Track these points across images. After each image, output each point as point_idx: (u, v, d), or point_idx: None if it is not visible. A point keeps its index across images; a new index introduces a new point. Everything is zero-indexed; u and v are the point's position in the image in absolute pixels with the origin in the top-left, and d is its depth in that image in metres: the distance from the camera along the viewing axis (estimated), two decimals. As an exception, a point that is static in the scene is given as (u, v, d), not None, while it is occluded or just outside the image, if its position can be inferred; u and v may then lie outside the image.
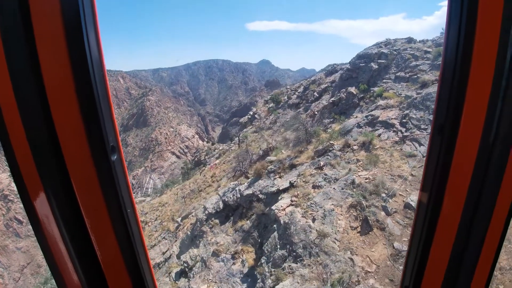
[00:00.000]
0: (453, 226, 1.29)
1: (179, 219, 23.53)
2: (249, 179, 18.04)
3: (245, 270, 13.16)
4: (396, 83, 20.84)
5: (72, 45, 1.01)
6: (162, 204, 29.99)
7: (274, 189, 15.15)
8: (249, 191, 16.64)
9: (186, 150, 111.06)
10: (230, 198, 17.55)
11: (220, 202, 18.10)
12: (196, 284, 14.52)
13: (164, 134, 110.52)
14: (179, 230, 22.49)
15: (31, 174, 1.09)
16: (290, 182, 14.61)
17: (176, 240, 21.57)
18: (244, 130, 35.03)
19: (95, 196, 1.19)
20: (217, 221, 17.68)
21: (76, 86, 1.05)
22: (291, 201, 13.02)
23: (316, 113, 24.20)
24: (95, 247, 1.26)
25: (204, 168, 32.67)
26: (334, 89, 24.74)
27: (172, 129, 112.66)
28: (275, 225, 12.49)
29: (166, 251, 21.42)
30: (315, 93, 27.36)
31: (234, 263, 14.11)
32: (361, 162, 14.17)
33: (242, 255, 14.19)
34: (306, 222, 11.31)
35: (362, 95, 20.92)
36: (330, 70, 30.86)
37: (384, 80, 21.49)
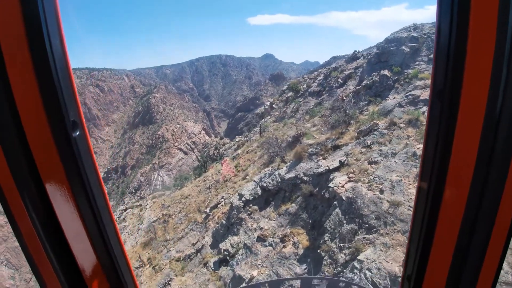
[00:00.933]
0: (459, 206, 1.14)
1: (207, 210, 23.18)
2: (288, 163, 17.63)
3: (300, 251, 12.82)
4: (430, 65, 20.48)
5: (28, 12, 0.95)
6: (185, 197, 29.69)
7: (321, 169, 14.80)
8: (291, 175, 16.25)
9: (193, 146, 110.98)
10: (269, 183, 17.15)
11: (258, 188, 17.71)
12: (243, 271, 14.14)
13: (171, 130, 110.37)
14: (208, 221, 22.17)
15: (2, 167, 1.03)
16: (339, 161, 14.28)
17: (206, 231, 21.27)
18: (263, 120, 34.64)
19: (58, 176, 1.13)
20: (255, 207, 17.31)
21: (33, 58, 0.99)
22: (349, 177, 12.86)
23: (344, 98, 23.75)
24: (64, 233, 1.19)
25: (226, 159, 32.28)
26: (363, 74, 24.30)
27: (178, 126, 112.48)
28: (335, 202, 12.29)
29: (197, 242, 21.13)
30: (339, 80, 26.90)
31: (284, 246, 13.75)
32: (412, 138, 13.90)
33: (293, 238, 13.84)
34: (374, 194, 11.16)
35: (396, 77, 20.53)
36: (352, 57, 30.43)
37: (417, 63, 21.12)
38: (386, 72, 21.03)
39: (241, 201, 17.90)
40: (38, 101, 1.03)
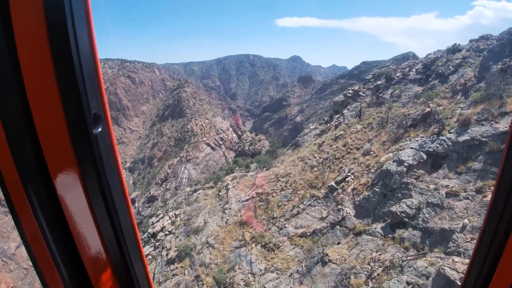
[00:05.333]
0: None
1: (332, 184, 23.45)
2: (452, 130, 18.58)
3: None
4: None
5: None
6: (283, 176, 30.04)
7: (502, 129, 16.35)
8: (465, 138, 17.27)
9: (220, 142, 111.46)
10: (437, 147, 18.02)
11: (421, 154, 18.56)
12: (444, 224, 14.78)
13: (200, 125, 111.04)
14: (338, 194, 22.52)
15: (3, 153, 0.92)
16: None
17: (338, 204, 21.59)
18: (351, 106, 35.43)
19: (72, 178, 1.00)
20: (421, 171, 18.11)
21: (50, 39, 0.86)
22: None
23: (466, 81, 24.73)
24: (75, 241, 1.09)
25: (312, 143, 33.00)
26: (485, 60, 25.41)
27: (207, 121, 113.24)
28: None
29: (327, 216, 21.56)
30: (450, 67, 28.01)
31: (485, 196, 14.57)
32: None
33: (490, 188, 14.68)
34: None
35: (531, 64, 21.69)
36: (452, 49, 31.70)
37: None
38: (521, 57, 22.19)
39: (402, 166, 18.67)
40: (53, 89, 0.90)
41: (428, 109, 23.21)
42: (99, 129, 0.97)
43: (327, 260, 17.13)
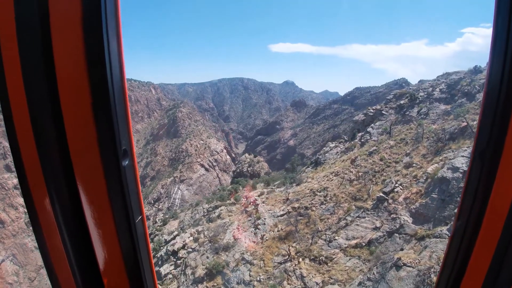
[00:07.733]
0: (487, 260, 1.21)
1: (380, 195, 23.73)
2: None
3: None
4: None
5: (89, 42, 0.97)
6: (319, 190, 30.11)
7: None
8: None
9: (214, 164, 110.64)
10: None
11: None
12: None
13: (195, 146, 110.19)
14: (389, 204, 22.86)
15: (36, 175, 1.04)
16: None
17: (392, 213, 21.89)
18: (375, 124, 36.78)
19: (101, 203, 1.15)
20: (477, 176, 19.14)
21: (91, 84, 1.00)
22: None
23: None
24: (97, 257, 1.22)
25: (340, 159, 33.82)
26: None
27: (202, 142, 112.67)
28: None
29: (381, 225, 21.89)
30: (476, 86, 30.24)
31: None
32: None
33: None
34: None
35: None
36: (474, 70, 34.22)
37: None
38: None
39: (458, 173, 19.74)
40: (91, 128, 1.03)
41: (465, 123, 24.75)
42: (127, 162, 1.15)
43: (401, 264, 17.26)
